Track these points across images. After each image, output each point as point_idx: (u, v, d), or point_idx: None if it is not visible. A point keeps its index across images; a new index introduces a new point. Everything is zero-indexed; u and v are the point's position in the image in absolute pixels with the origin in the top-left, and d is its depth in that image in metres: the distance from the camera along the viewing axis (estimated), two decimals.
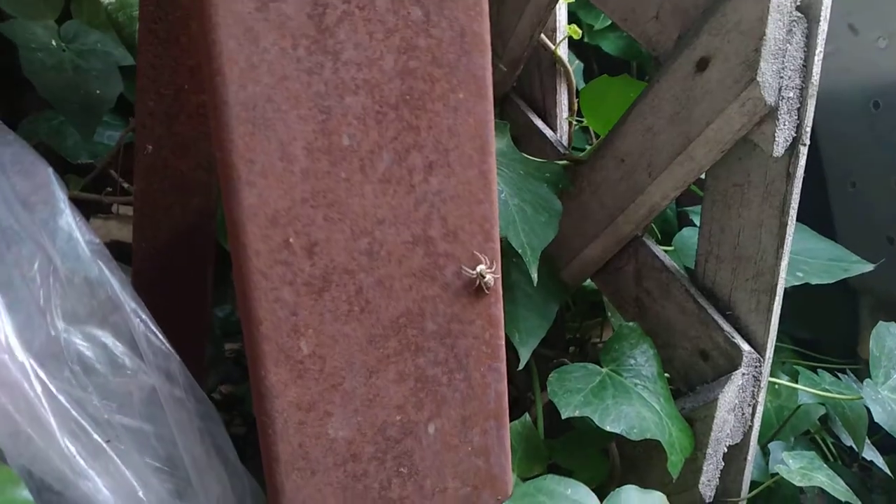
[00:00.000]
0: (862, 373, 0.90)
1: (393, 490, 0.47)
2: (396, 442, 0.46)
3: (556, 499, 0.49)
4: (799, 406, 0.78)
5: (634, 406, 0.58)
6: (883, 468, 0.76)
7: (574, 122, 0.76)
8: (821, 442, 0.93)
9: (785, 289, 1.27)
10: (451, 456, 0.48)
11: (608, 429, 0.56)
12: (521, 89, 0.80)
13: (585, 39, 1.11)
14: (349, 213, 0.42)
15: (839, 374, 0.82)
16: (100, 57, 0.81)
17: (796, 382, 0.76)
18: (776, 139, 0.50)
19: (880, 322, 0.69)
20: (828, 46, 1.03)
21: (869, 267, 0.78)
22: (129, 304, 0.54)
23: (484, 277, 0.45)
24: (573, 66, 0.75)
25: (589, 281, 0.83)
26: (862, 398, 0.73)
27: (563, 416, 0.56)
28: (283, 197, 0.41)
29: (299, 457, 0.45)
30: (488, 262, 0.45)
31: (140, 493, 0.52)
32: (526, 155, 0.65)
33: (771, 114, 0.50)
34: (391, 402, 0.46)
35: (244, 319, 0.43)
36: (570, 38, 0.73)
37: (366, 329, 0.44)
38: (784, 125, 0.50)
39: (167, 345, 0.54)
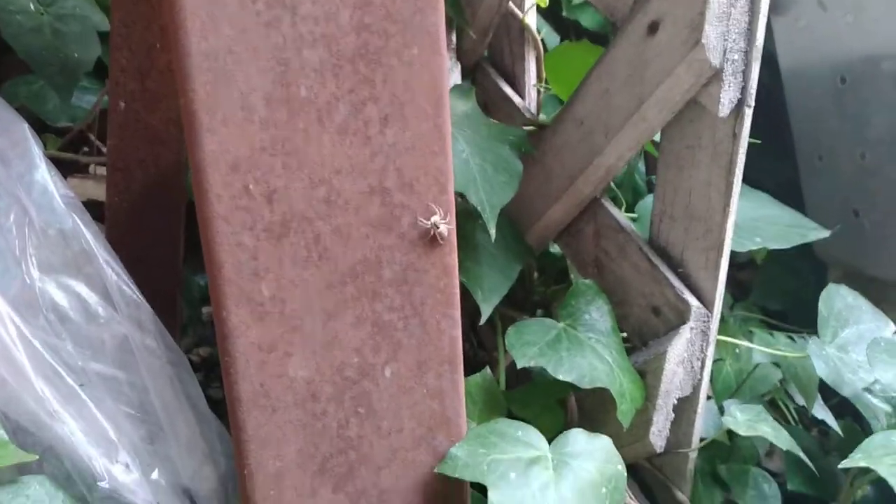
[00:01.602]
0: None
1: (351, 429, 0.50)
2: (354, 383, 0.49)
3: (506, 439, 0.51)
4: (756, 367, 0.81)
5: (587, 358, 0.60)
6: (834, 427, 0.79)
7: (542, 90, 0.78)
8: (782, 406, 0.96)
9: (756, 261, 1.29)
10: (407, 398, 0.50)
11: (561, 378, 0.58)
12: (492, 57, 0.82)
13: (564, 13, 1.14)
14: (307, 162, 0.44)
15: (794, 338, 0.85)
16: (78, 20, 0.82)
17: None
18: (721, 100, 0.53)
19: (830, 283, 0.72)
20: (796, 22, 1.06)
21: (825, 233, 0.81)
22: (103, 255, 0.56)
23: (438, 228, 0.47)
24: (542, 33, 0.77)
25: (557, 248, 0.86)
26: (805, 358, 0.76)
27: (519, 366, 0.59)
28: (243, 145, 0.43)
29: (260, 395, 0.47)
30: (442, 214, 0.47)
31: (112, 435, 0.55)
32: (491, 119, 0.67)
33: (717, 75, 0.52)
34: (349, 345, 0.48)
35: (208, 263, 0.45)
36: (550, 13, 0.75)
37: (324, 275, 0.46)
38: (729, 87, 0.52)
39: (139, 295, 0.57)
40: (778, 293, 1.23)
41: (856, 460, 0.46)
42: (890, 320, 0.70)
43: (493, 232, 0.58)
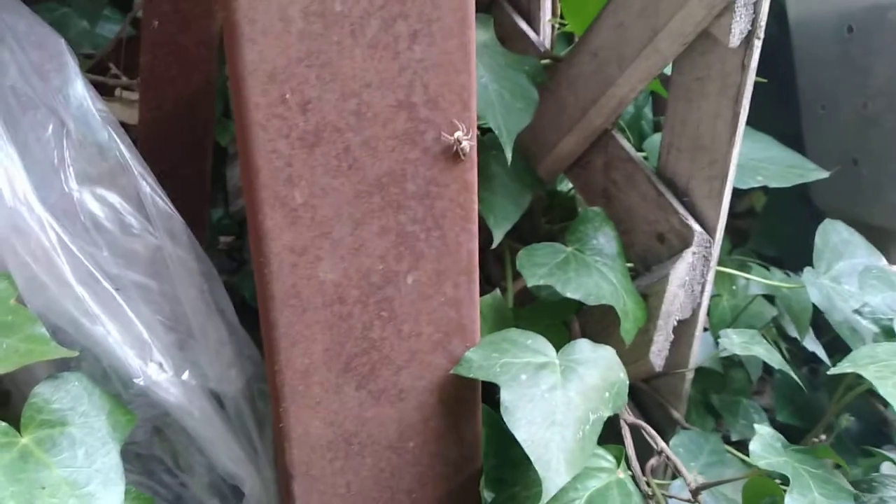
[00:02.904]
0: None
1: (374, 331, 0.53)
2: (378, 288, 0.52)
3: (517, 346, 0.55)
4: (752, 300, 0.84)
5: (593, 278, 0.64)
6: (824, 359, 0.83)
7: (557, 25, 0.80)
8: (774, 345, 1.01)
9: (755, 210, 1.32)
10: (427, 305, 0.54)
11: (568, 295, 0.62)
12: None
13: None
14: (339, 75, 0.47)
15: (789, 273, 0.88)
16: None
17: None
18: (732, 31, 0.55)
19: (826, 219, 0.75)
20: None
21: (824, 174, 0.83)
22: (137, 168, 0.59)
23: (461, 143, 0.50)
24: None
25: (564, 186, 0.89)
26: (800, 288, 0.80)
27: (529, 285, 0.63)
28: (280, 55, 0.45)
29: (291, 295, 0.50)
30: (465, 130, 0.50)
31: (146, 337, 0.58)
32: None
33: (728, 7, 0.55)
34: (374, 253, 0.51)
35: (245, 169, 0.48)
36: None
37: (353, 184, 0.49)
38: (740, 18, 0.55)
39: (171, 207, 0.60)
40: (775, 240, 1.26)
41: (843, 367, 0.49)
42: (881, 255, 0.73)
43: (509, 155, 0.61)
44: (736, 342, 0.67)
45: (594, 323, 0.72)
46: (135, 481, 0.64)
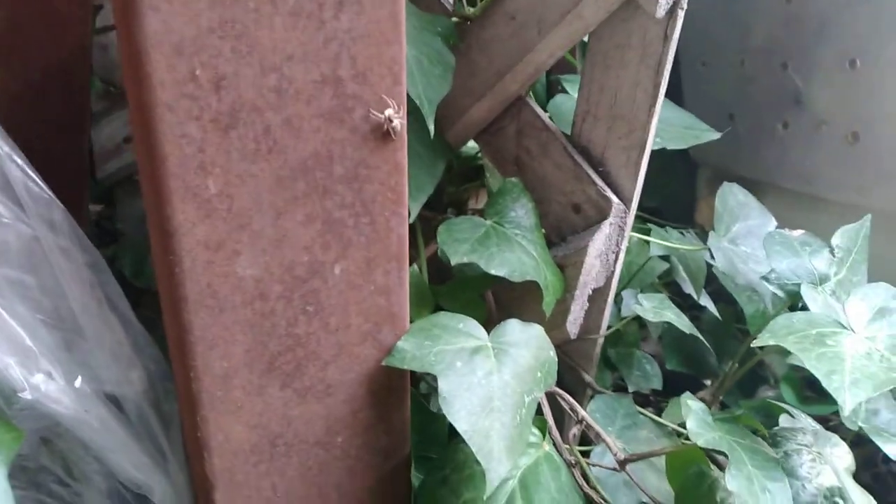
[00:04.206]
0: (700, 235, 1.01)
1: (299, 326, 0.49)
2: (303, 281, 0.48)
3: (449, 331, 0.53)
4: (649, 259, 0.87)
5: (515, 253, 0.62)
6: (713, 311, 0.88)
7: None
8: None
9: None
10: (355, 294, 0.50)
11: (493, 272, 0.60)
12: None
13: None
14: (257, 47, 0.41)
15: (683, 232, 0.92)
16: None
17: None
18: (660, 1, 0.54)
19: (725, 182, 0.78)
20: None
21: (716, 135, 0.86)
22: (3, 148, 0.50)
23: (392, 122, 0.46)
24: None
25: (466, 146, 0.86)
26: (702, 250, 0.83)
27: (453, 263, 0.60)
28: (188, 24, 0.39)
29: (207, 295, 0.45)
30: (396, 107, 0.46)
31: (28, 343, 0.51)
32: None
33: None
34: (299, 243, 0.47)
35: (148, 158, 0.42)
36: None
37: (274, 170, 0.44)
38: None
39: (49, 192, 0.52)
40: (653, 191, 1.30)
41: (765, 339, 0.51)
42: (772, 216, 0.77)
43: (431, 128, 0.57)
44: (647, 308, 0.68)
45: (506, 292, 0.71)
46: (20, 496, 0.57)
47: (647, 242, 0.87)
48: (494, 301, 0.74)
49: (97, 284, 0.54)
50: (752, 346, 0.51)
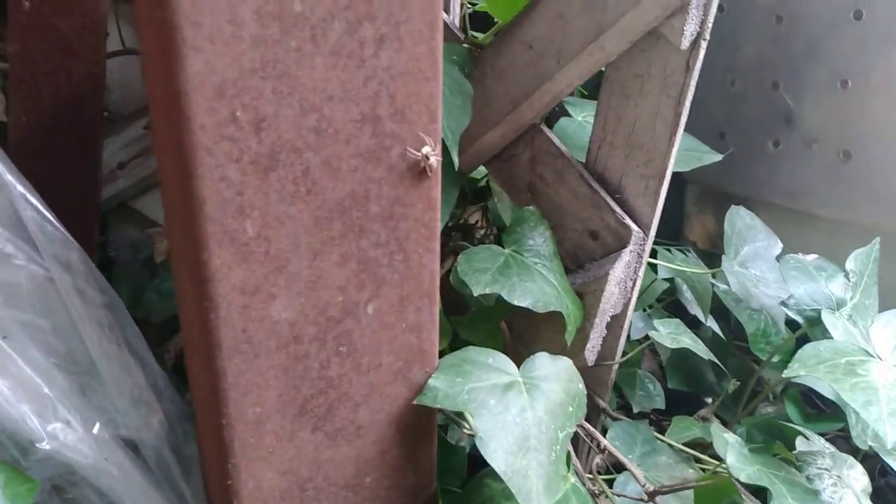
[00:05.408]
0: (699, 254, 1.02)
1: (332, 369, 0.48)
2: (337, 322, 0.47)
3: (479, 367, 0.52)
4: (653, 281, 0.87)
5: (537, 283, 0.62)
6: (717, 331, 0.89)
7: (467, 4, 0.75)
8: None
9: None
10: (388, 333, 0.49)
11: (516, 303, 0.59)
12: None
13: None
14: (298, 87, 0.40)
15: (685, 252, 0.92)
16: None
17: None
18: (684, 32, 0.54)
19: (732, 206, 0.78)
20: None
21: (718, 157, 0.87)
22: (17, 188, 0.48)
23: (428, 159, 0.45)
24: None
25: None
26: (707, 273, 0.84)
27: (475, 294, 0.59)
28: (231, 65, 0.38)
29: (242, 341, 0.44)
30: (432, 144, 0.45)
31: (45, 391, 0.49)
32: None
33: (682, 8, 0.53)
34: (334, 284, 0.46)
35: (182, 201, 0.40)
36: None
37: (311, 210, 0.43)
38: (692, 19, 0.54)
39: (65, 232, 0.49)
40: None
41: (794, 370, 0.51)
42: (778, 238, 0.78)
43: (456, 161, 0.56)
44: (664, 334, 0.68)
45: (520, 319, 0.71)
46: None
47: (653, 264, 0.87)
48: (509, 329, 0.73)
49: (115, 326, 0.52)
50: (784, 375, 0.51)
